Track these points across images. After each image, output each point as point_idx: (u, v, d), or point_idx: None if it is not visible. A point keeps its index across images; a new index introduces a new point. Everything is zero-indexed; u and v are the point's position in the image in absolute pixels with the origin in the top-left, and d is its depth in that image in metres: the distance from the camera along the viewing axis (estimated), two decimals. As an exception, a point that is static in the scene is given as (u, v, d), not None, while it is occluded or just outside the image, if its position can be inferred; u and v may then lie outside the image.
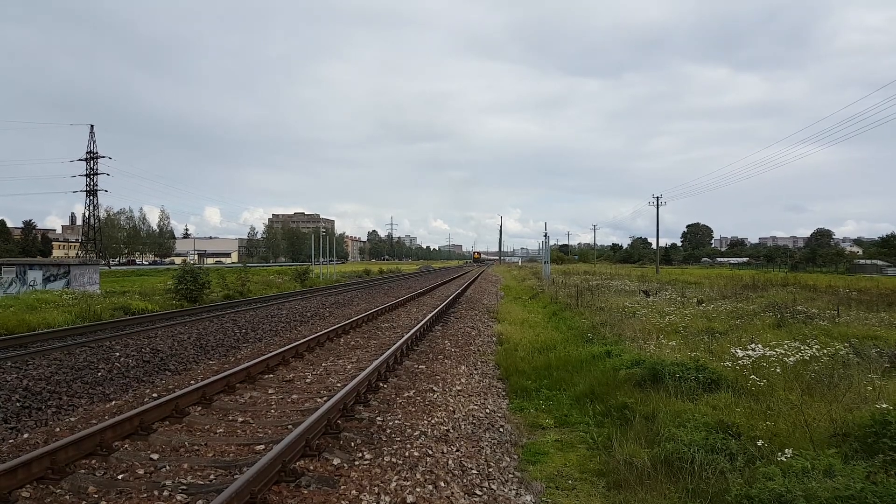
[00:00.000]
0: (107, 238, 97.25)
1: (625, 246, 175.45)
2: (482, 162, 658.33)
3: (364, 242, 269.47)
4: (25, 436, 7.36)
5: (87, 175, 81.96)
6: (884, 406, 5.77)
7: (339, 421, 7.17)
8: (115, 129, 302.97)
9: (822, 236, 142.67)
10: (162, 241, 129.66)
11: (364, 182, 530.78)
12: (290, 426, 7.11)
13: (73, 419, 8.02)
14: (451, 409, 8.17)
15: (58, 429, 7.46)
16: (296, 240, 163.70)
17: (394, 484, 5.38)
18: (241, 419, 7.56)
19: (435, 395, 8.82)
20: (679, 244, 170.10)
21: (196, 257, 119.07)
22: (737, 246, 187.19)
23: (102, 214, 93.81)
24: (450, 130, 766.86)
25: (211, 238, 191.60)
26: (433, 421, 7.48)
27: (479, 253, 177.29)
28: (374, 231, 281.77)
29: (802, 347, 9.39)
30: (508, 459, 6.62)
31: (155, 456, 6.13)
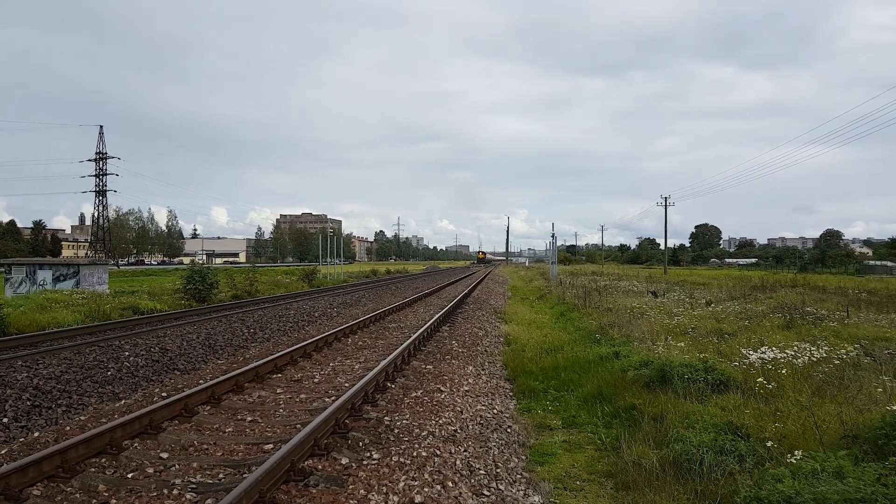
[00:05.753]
0: (116, 238, 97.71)
1: (632, 246, 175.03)
2: (487, 162, 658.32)
3: (371, 243, 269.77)
4: (36, 434, 7.42)
5: (96, 175, 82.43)
6: (895, 408, 5.73)
7: (347, 420, 7.18)
8: (123, 129, 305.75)
9: (831, 237, 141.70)
10: (171, 241, 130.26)
11: (370, 182, 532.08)
12: (298, 426, 7.13)
13: (82, 418, 8.07)
14: (458, 409, 8.17)
15: (68, 428, 7.51)
16: (303, 240, 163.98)
17: (402, 484, 5.39)
18: (249, 418, 7.59)
19: (442, 396, 8.83)
20: (687, 245, 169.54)
21: (204, 257, 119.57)
22: (745, 247, 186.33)
23: (111, 215, 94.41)
24: (454, 131, 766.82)
25: (219, 238, 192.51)
26: (441, 421, 7.49)
27: (484, 252, 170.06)
28: (380, 231, 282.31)
29: (812, 349, 9.34)
30: (516, 460, 6.61)
31: (164, 455, 6.16)
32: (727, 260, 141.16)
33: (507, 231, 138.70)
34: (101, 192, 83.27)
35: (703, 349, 10.77)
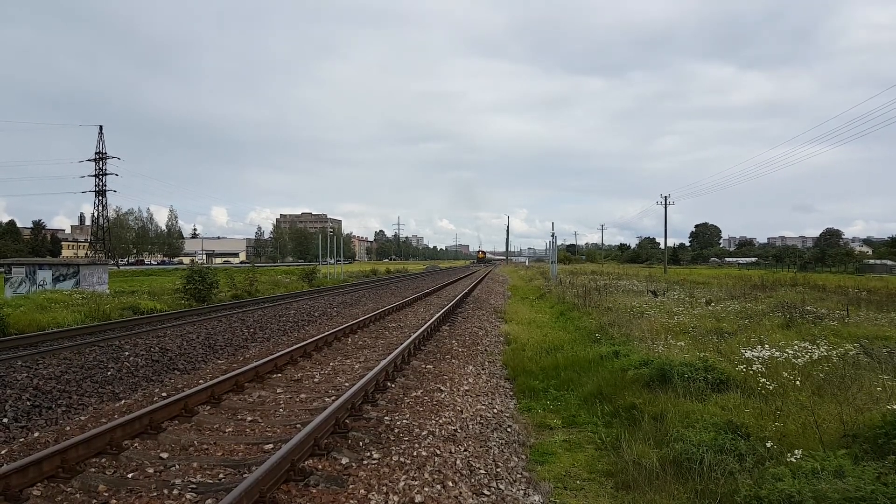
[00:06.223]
0: (115, 238, 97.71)
1: (632, 246, 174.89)
2: (488, 162, 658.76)
3: (371, 242, 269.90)
4: (36, 434, 7.42)
5: (95, 175, 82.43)
6: (895, 407, 5.73)
7: (347, 420, 7.18)
8: (123, 129, 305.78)
9: (830, 236, 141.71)
10: (171, 241, 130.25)
11: (370, 182, 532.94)
12: (298, 425, 7.13)
13: (83, 418, 8.08)
14: (458, 408, 8.17)
15: (68, 428, 7.52)
16: (303, 240, 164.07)
17: (402, 483, 5.39)
18: (249, 418, 7.59)
19: (443, 395, 8.83)
20: (687, 244, 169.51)
21: (204, 257, 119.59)
22: (745, 246, 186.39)
23: (111, 214, 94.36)
24: (455, 130, 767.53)
25: (219, 238, 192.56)
26: (441, 421, 7.49)
27: (483, 252, 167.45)
28: (380, 231, 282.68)
29: (812, 348, 9.34)
30: (516, 459, 6.61)
31: (164, 455, 6.16)
32: (727, 259, 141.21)
33: (507, 230, 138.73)
34: (100, 192, 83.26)
35: (703, 348, 10.77)
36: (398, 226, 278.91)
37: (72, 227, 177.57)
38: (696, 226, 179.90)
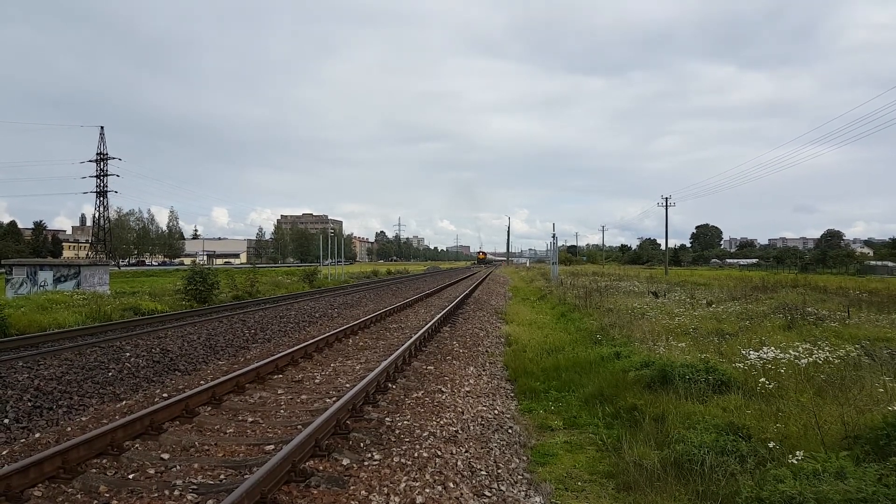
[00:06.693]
0: (116, 239, 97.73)
1: (633, 247, 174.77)
2: (487, 162, 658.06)
3: (372, 243, 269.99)
4: (37, 435, 7.42)
5: (96, 176, 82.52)
6: (895, 408, 5.73)
7: (348, 421, 7.18)
8: (123, 129, 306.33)
9: (832, 237, 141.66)
10: (171, 241, 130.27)
11: (370, 182, 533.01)
12: (299, 426, 7.13)
13: (84, 419, 8.08)
14: (459, 410, 8.17)
15: (69, 428, 7.52)
16: (304, 240, 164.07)
17: (403, 484, 5.39)
18: (250, 419, 7.59)
19: (444, 396, 8.83)
20: (688, 245, 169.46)
21: (205, 258, 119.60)
22: (746, 247, 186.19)
23: (112, 215, 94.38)
24: (455, 130, 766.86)
25: (220, 239, 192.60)
26: (442, 422, 7.48)
27: (484, 253, 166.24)
28: (381, 232, 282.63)
29: (813, 349, 9.34)
30: (517, 461, 6.61)
31: (165, 456, 6.16)
32: (728, 260, 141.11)
33: (508, 231, 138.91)
34: (101, 193, 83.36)
35: (704, 349, 10.77)
36: (399, 226, 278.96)
37: (73, 227, 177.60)
38: (697, 227, 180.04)
